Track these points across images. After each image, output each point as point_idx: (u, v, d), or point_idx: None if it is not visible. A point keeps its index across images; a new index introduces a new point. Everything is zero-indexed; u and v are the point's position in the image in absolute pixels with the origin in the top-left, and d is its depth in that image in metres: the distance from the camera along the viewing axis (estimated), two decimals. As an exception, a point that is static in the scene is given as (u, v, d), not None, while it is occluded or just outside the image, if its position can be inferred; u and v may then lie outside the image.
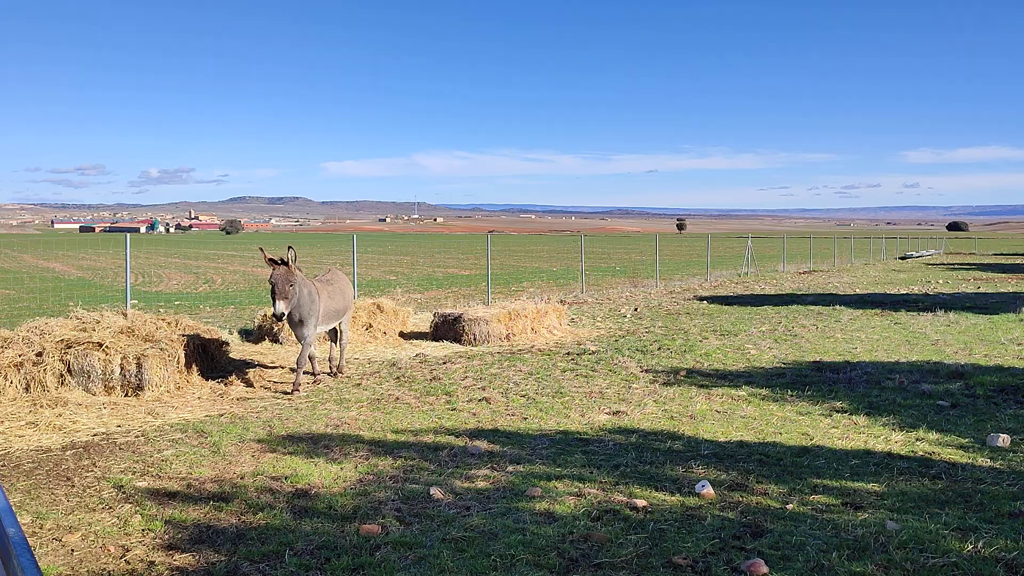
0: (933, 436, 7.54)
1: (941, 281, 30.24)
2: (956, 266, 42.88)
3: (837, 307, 19.77)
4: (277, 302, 9.39)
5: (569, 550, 4.83)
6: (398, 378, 10.68)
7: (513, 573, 4.48)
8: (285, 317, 9.54)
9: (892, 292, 24.99)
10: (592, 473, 6.39)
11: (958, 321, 16.61)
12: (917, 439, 7.44)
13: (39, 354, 9.16)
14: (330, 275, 11.32)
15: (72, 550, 4.89)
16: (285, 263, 9.64)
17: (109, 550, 4.88)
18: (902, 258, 54.57)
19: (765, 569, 4.48)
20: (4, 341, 9.38)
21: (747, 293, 25.05)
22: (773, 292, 25.44)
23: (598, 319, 17.72)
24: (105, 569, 4.60)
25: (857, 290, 26.09)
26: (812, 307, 19.99)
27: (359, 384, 10.31)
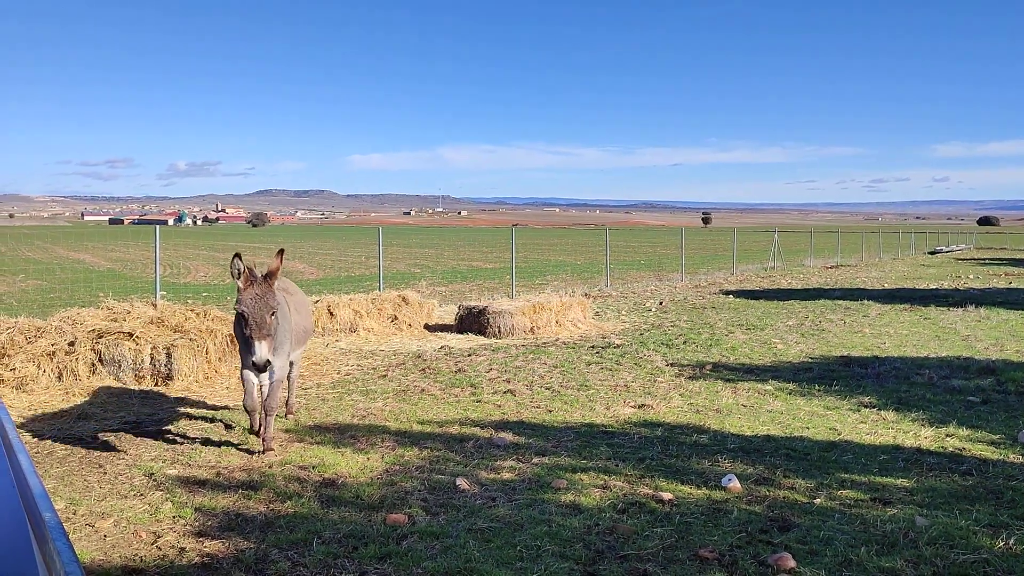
0: (963, 432, 7.45)
1: (971, 276, 29.81)
2: (987, 261, 42.24)
3: (865, 302, 19.57)
4: (258, 343, 6.13)
5: (595, 542, 4.83)
6: (423, 370, 10.72)
7: (539, 564, 4.49)
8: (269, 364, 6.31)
9: (921, 287, 24.68)
10: (618, 466, 6.39)
11: (989, 316, 16.37)
12: (947, 435, 7.35)
13: (71, 343, 9.31)
14: (281, 281, 7.38)
15: (104, 535, 4.97)
16: (267, 277, 6.42)
17: (140, 536, 4.95)
18: (931, 253, 53.85)
19: (792, 563, 4.46)
20: (37, 331, 9.54)
21: (773, 287, 24.86)
22: (800, 287, 25.22)
23: (623, 312, 17.68)
24: (137, 554, 4.67)
25: (885, 285, 25.79)
26: (839, 302, 19.80)
27: (385, 375, 10.36)
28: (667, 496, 5.59)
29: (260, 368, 6.14)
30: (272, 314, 6.25)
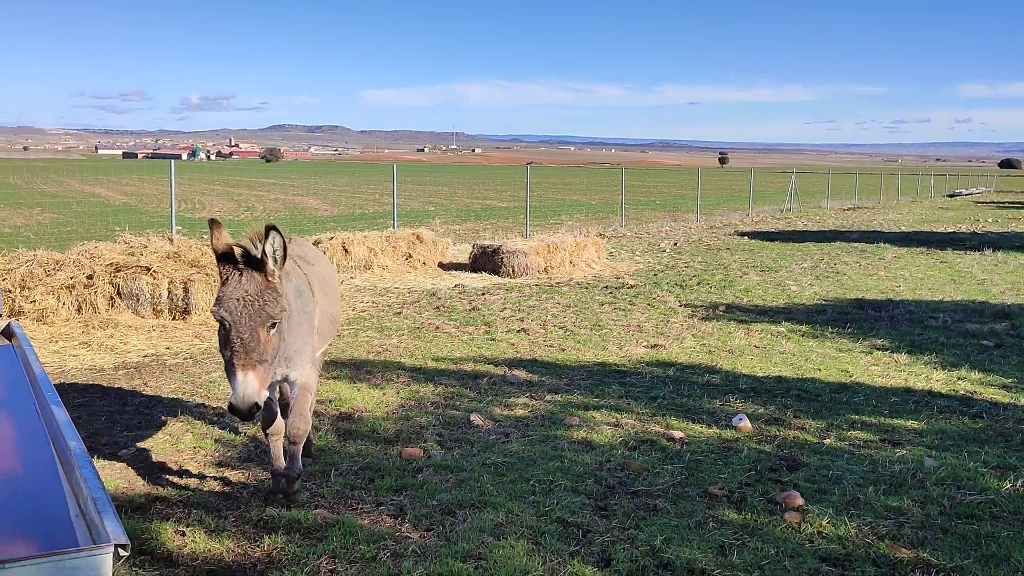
0: (975, 375, 7.46)
1: (990, 220, 29.47)
2: (1007, 204, 41.69)
3: (881, 244, 19.42)
4: (241, 374, 3.58)
5: (606, 477, 4.92)
6: (438, 308, 10.79)
7: (551, 498, 4.58)
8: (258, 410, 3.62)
9: (939, 230, 24.45)
10: (629, 404, 6.46)
11: (1006, 261, 16.24)
12: (959, 378, 7.37)
13: (90, 277, 9.40)
14: (295, 245, 4.81)
15: (128, 465, 5.09)
16: (260, 264, 3.76)
17: (162, 466, 5.07)
18: (950, 196, 53.19)
19: (801, 501, 4.53)
20: (56, 264, 9.63)
21: (789, 229, 24.69)
22: (816, 228, 25.04)
23: (637, 253, 17.64)
24: (160, 484, 4.80)
25: (903, 228, 25.56)
26: (856, 244, 19.66)
27: (399, 313, 10.44)
28: (678, 434, 5.66)
29: (243, 415, 3.50)
30: (271, 326, 3.67)
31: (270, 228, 3.68)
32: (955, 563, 3.87)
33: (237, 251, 3.63)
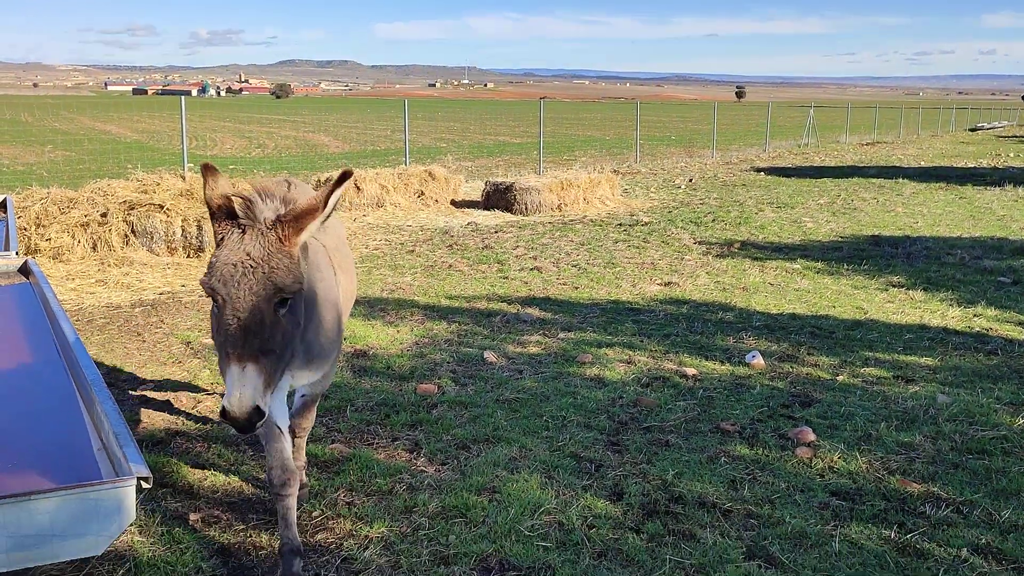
0: (991, 312, 7.43)
1: (1012, 154, 28.95)
2: (1030, 139, 40.93)
3: (900, 180, 19.16)
4: (237, 368, 2.45)
5: (619, 413, 4.96)
6: (450, 246, 10.78)
7: (564, 433, 4.64)
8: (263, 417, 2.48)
9: (959, 165, 24.07)
10: (642, 342, 6.47)
11: (1027, 197, 16.01)
12: (975, 315, 7.34)
13: (104, 215, 9.42)
14: (297, 191, 3.47)
15: (147, 399, 5.18)
16: (284, 224, 2.63)
17: (182, 401, 5.15)
18: (972, 130, 52.19)
19: (812, 436, 4.57)
20: (70, 201, 9.65)
21: (806, 165, 24.37)
22: (834, 164, 24.70)
23: (651, 190, 17.49)
24: (178, 418, 4.88)
25: (922, 163, 25.18)
26: (874, 180, 19.41)
27: (412, 251, 10.44)
28: (691, 371, 5.68)
29: (240, 425, 2.45)
30: (281, 303, 2.59)
31: (347, 174, 2.66)
32: (965, 497, 3.91)
33: (237, 204, 2.62)
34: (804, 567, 3.34)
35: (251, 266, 2.52)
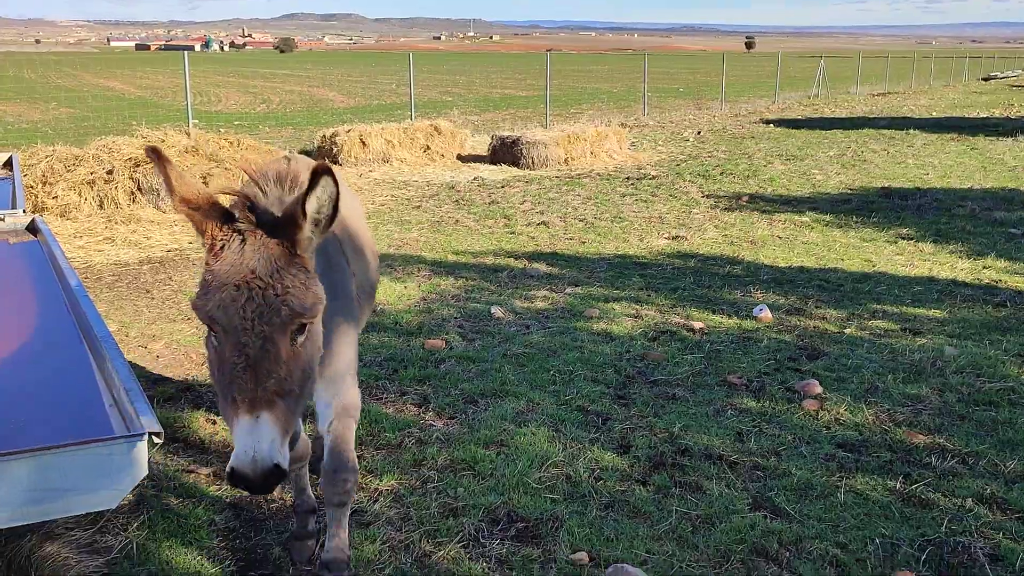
0: (1001, 264, 7.39)
1: (1026, 104, 28.55)
2: (1044, 88, 40.29)
3: (911, 131, 18.93)
4: (248, 420, 1.95)
5: (626, 367, 4.98)
6: (457, 201, 10.74)
7: (571, 387, 4.66)
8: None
9: (971, 116, 23.75)
10: (650, 296, 6.47)
11: (1040, 147, 15.82)
12: (984, 267, 7.31)
13: (109, 172, 9.40)
14: (300, 165, 2.57)
15: (157, 356, 5.22)
16: (279, 225, 2.09)
17: (191, 357, 5.19)
18: (985, 79, 51.38)
19: (819, 389, 4.58)
20: (75, 159, 9.62)
21: (816, 116, 24.08)
22: (844, 115, 24.40)
23: (659, 143, 17.34)
24: (189, 374, 4.92)
25: (933, 113, 24.85)
26: (884, 131, 19.17)
27: (419, 206, 10.41)
28: (698, 325, 5.69)
29: (255, 486, 1.94)
30: (299, 329, 2.08)
31: (320, 171, 2.00)
32: (970, 448, 3.93)
33: (233, 203, 2.11)
34: (809, 517, 3.37)
35: (259, 287, 2.00)
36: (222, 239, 2.07)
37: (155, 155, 2.07)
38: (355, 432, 2.92)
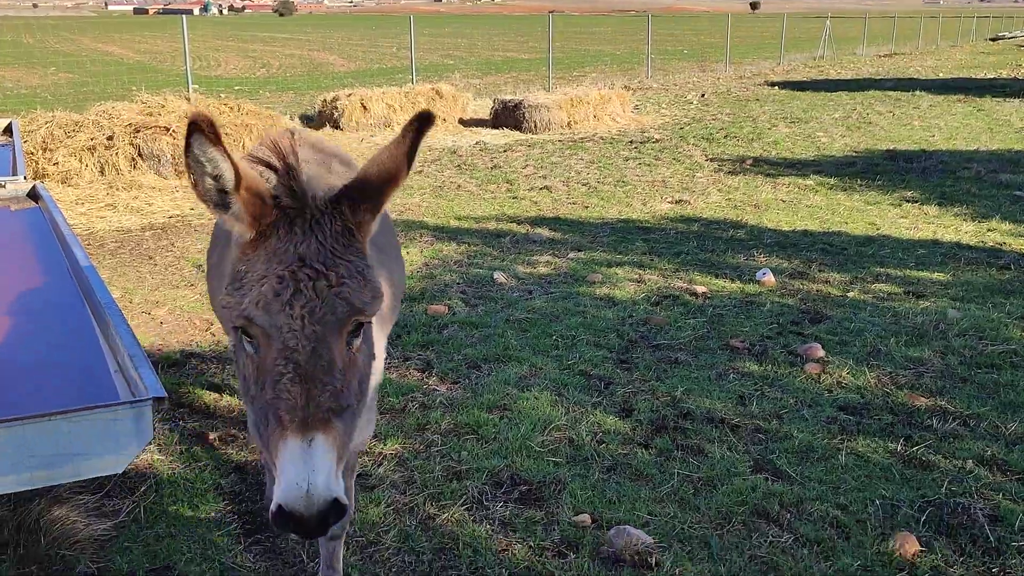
0: (1006, 227, 7.36)
1: (1034, 65, 28.21)
2: (1053, 48, 39.79)
3: (917, 93, 18.74)
4: (300, 444, 1.53)
5: (628, 332, 4.99)
6: (459, 166, 10.69)
7: (574, 352, 4.67)
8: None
9: (978, 77, 23.49)
10: (653, 260, 6.46)
11: (1048, 108, 15.67)
12: (988, 229, 7.28)
13: (110, 138, 9.35)
14: (308, 150, 2.48)
15: (161, 322, 5.24)
16: (339, 203, 1.73)
17: (195, 323, 5.21)
18: (993, 39, 50.73)
19: (822, 352, 4.59)
20: (75, 124, 9.57)
21: (822, 78, 23.83)
22: (850, 77, 24.15)
23: (663, 106, 17.19)
24: (192, 340, 4.94)
25: (940, 75, 24.58)
26: (890, 93, 18.99)
27: (420, 171, 10.36)
28: (701, 289, 5.69)
29: (310, 528, 1.50)
30: (355, 329, 1.68)
31: (427, 117, 1.85)
32: (972, 410, 3.94)
33: (273, 182, 1.75)
34: (810, 479, 3.40)
35: (309, 276, 1.61)
36: (272, 223, 1.67)
37: (211, 131, 1.63)
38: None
